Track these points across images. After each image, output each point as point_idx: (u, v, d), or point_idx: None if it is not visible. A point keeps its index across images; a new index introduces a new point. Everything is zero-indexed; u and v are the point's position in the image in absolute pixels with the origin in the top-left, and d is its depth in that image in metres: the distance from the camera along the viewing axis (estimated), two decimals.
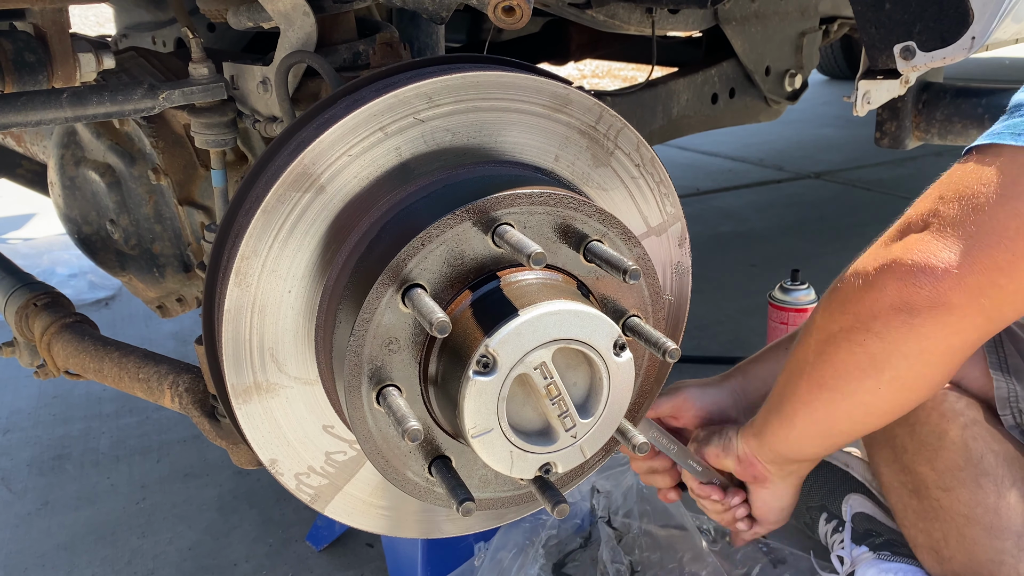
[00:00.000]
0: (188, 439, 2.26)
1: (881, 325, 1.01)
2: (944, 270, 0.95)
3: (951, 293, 0.95)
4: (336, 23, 1.20)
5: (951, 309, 0.96)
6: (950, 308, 0.96)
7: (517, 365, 0.82)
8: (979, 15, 1.32)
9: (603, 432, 0.90)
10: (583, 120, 0.96)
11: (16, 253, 3.51)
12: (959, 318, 0.97)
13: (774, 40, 2.36)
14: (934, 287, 0.96)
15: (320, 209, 0.88)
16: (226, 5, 1.23)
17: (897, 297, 0.99)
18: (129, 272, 1.60)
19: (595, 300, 0.92)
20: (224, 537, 1.87)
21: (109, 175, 1.51)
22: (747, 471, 1.31)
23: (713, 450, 1.33)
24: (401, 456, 0.90)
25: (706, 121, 2.35)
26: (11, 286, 1.45)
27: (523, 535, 1.63)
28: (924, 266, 0.97)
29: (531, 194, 0.85)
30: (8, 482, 2.12)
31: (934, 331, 0.98)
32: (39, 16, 1.24)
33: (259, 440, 0.94)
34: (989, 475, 1.30)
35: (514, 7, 0.95)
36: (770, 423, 1.23)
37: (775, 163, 4.97)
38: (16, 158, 1.99)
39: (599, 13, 1.88)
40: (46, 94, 1.08)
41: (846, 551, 1.56)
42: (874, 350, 1.04)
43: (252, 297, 0.89)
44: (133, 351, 1.27)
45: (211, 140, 1.23)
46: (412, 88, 0.87)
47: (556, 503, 0.87)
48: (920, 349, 1.01)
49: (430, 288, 0.83)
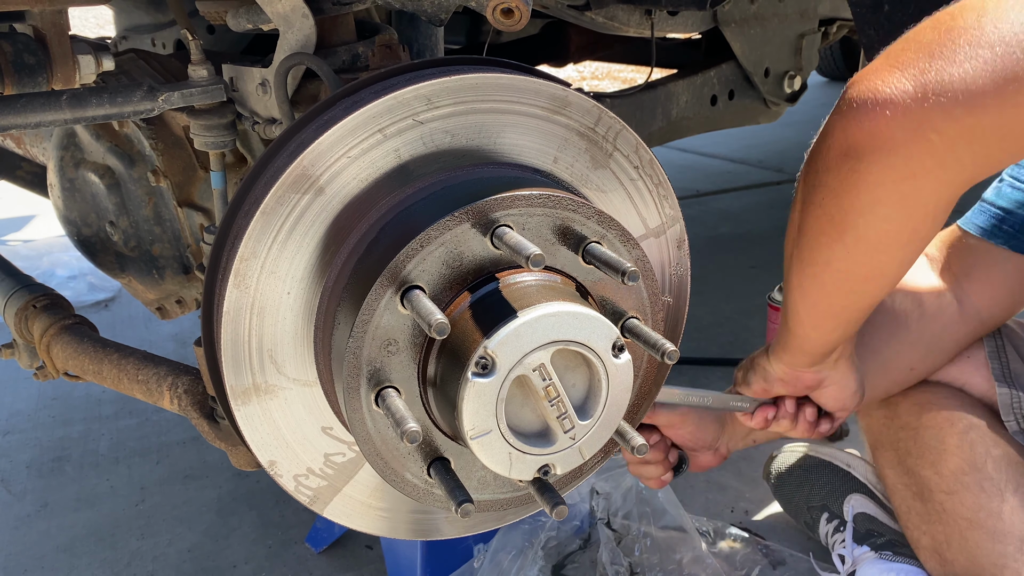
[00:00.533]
0: (187, 441, 2.26)
1: (832, 177, 0.90)
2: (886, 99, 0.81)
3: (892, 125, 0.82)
4: (335, 25, 1.20)
5: (894, 146, 0.83)
6: (893, 144, 0.83)
7: (516, 367, 0.82)
8: None
9: (602, 434, 0.90)
10: (582, 122, 0.96)
11: (16, 255, 3.51)
12: (904, 158, 0.83)
13: (773, 42, 2.36)
14: (873, 121, 0.82)
15: (319, 211, 0.88)
16: (225, 7, 1.23)
17: (843, 139, 0.87)
18: (128, 274, 1.60)
19: (594, 302, 0.92)
20: (224, 539, 1.87)
21: (108, 177, 1.52)
22: (797, 386, 1.25)
23: (757, 387, 1.28)
24: (400, 458, 0.90)
25: (705, 123, 2.35)
26: (10, 288, 1.45)
27: (522, 537, 1.63)
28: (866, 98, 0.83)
29: (530, 196, 0.85)
30: (7, 484, 2.12)
31: (881, 175, 0.85)
32: (39, 18, 1.24)
33: (258, 442, 0.94)
34: (992, 480, 1.30)
35: (513, 9, 0.95)
36: (786, 331, 1.17)
37: (774, 165, 4.97)
38: (16, 160, 1.99)
39: (598, 15, 1.89)
40: (46, 96, 1.08)
41: (847, 551, 1.56)
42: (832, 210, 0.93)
43: (251, 299, 0.89)
44: (132, 353, 1.27)
45: (210, 142, 1.23)
46: (411, 90, 0.87)
47: (555, 505, 0.87)
48: (872, 200, 0.88)
49: (429, 289, 0.84)
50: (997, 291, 1.37)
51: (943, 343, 1.40)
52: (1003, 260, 1.34)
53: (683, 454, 1.46)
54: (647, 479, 1.44)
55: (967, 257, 1.37)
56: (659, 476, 1.42)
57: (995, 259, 1.34)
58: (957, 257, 1.38)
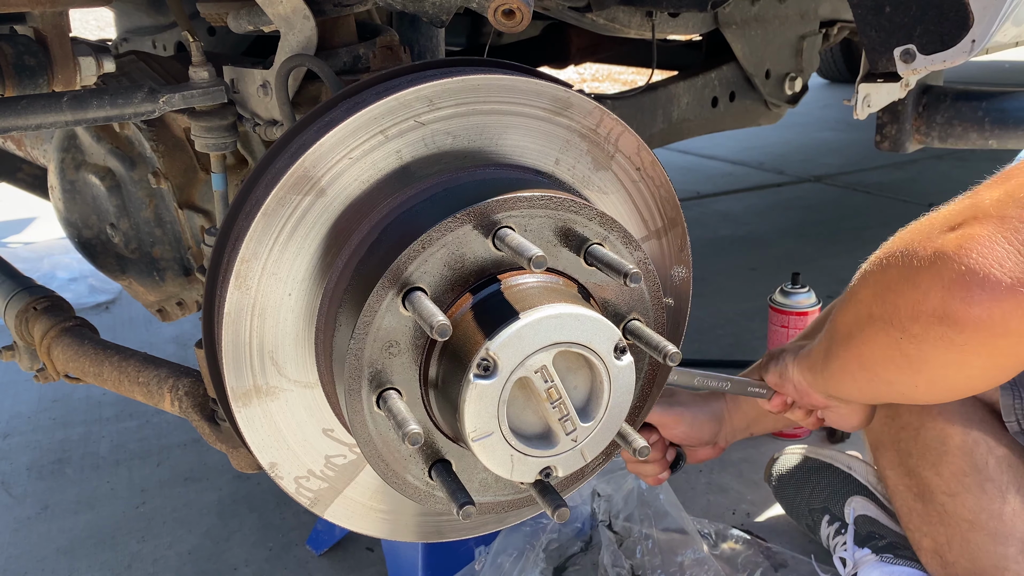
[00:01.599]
0: (188, 443, 2.26)
1: (920, 330, 0.89)
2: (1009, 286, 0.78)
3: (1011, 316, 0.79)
4: (336, 27, 1.20)
5: (1006, 333, 0.81)
6: (1006, 332, 0.81)
7: (518, 368, 0.82)
8: (979, 18, 1.32)
9: (604, 436, 0.90)
10: (584, 124, 0.96)
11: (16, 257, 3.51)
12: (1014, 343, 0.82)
13: (774, 44, 2.36)
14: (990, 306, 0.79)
15: (320, 212, 0.88)
16: (226, 9, 1.23)
17: (941, 307, 0.84)
18: (129, 276, 1.59)
19: (596, 303, 0.92)
20: (224, 541, 1.87)
21: (109, 179, 1.51)
22: (804, 400, 1.26)
23: (773, 376, 1.29)
24: (401, 460, 0.89)
25: (706, 124, 2.35)
26: (11, 290, 1.45)
27: (524, 539, 1.63)
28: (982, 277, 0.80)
29: (532, 197, 0.85)
30: (8, 486, 2.11)
31: (980, 351, 0.85)
32: (39, 20, 1.24)
33: (259, 444, 0.94)
34: (994, 481, 1.30)
35: (514, 10, 0.95)
36: (825, 367, 1.16)
37: (775, 166, 4.97)
38: (16, 162, 1.99)
39: (599, 17, 1.89)
40: (46, 98, 1.08)
41: (849, 553, 1.56)
42: (910, 352, 0.92)
43: (252, 300, 0.89)
44: (133, 355, 1.27)
45: (211, 144, 1.23)
46: (413, 91, 0.87)
47: (556, 507, 0.87)
48: (961, 362, 0.88)
49: (431, 291, 0.83)
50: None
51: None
52: None
53: (680, 451, 1.47)
54: (645, 476, 1.45)
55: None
56: (656, 474, 1.43)
57: None
58: None
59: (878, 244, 1.05)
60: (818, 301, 2.25)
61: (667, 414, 1.42)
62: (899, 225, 1.04)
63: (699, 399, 1.48)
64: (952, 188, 1.08)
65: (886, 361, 0.98)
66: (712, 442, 1.45)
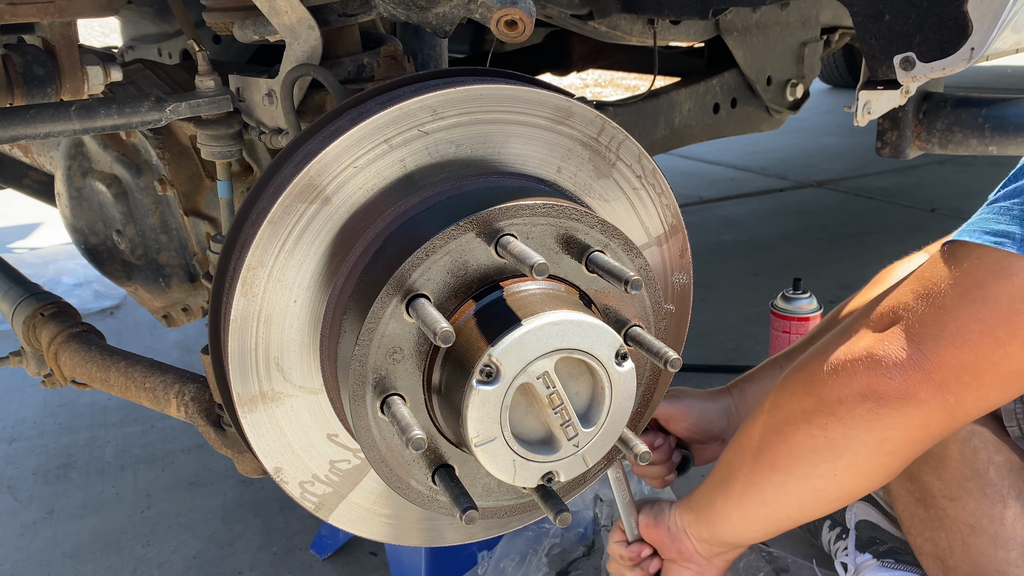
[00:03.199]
0: (192, 448, 2.27)
1: (846, 411, 1.02)
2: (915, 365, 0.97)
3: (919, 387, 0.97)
4: (341, 36, 1.21)
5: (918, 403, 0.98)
6: (917, 401, 0.98)
7: (520, 374, 0.82)
8: (978, 26, 1.33)
9: (605, 441, 0.90)
10: (585, 132, 0.97)
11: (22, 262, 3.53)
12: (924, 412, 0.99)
13: (775, 50, 2.37)
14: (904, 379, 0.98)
15: (325, 220, 0.89)
16: (232, 18, 1.24)
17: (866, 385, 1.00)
18: (135, 282, 1.61)
19: (597, 310, 0.93)
20: (229, 546, 1.87)
21: (116, 186, 1.53)
22: (673, 546, 1.28)
23: (645, 519, 1.31)
24: (405, 465, 0.90)
25: (708, 131, 2.36)
26: (18, 296, 1.46)
27: (526, 544, 1.63)
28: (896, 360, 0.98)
29: (534, 205, 0.86)
30: (14, 491, 2.13)
31: (899, 422, 1.00)
32: (47, 30, 1.25)
33: (264, 449, 0.95)
34: (995, 486, 1.30)
35: (517, 21, 0.96)
36: (713, 500, 1.21)
37: (777, 172, 4.98)
38: (23, 168, 2.01)
39: (601, 24, 1.90)
40: (55, 107, 1.10)
41: (850, 558, 1.56)
42: (835, 435, 1.04)
43: (258, 307, 0.90)
44: (139, 360, 1.28)
45: (217, 152, 1.24)
46: (416, 101, 0.88)
47: (558, 512, 0.87)
48: (882, 438, 1.02)
49: (434, 298, 0.84)
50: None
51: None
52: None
53: (687, 454, 1.47)
54: (651, 479, 1.45)
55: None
56: (663, 476, 1.43)
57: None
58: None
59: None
60: (820, 306, 2.26)
61: (675, 407, 1.42)
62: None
63: (707, 394, 1.48)
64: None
65: (807, 451, 1.07)
66: (721, 439, 1.45)
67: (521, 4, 0.97)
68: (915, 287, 1.02)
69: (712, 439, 1.45)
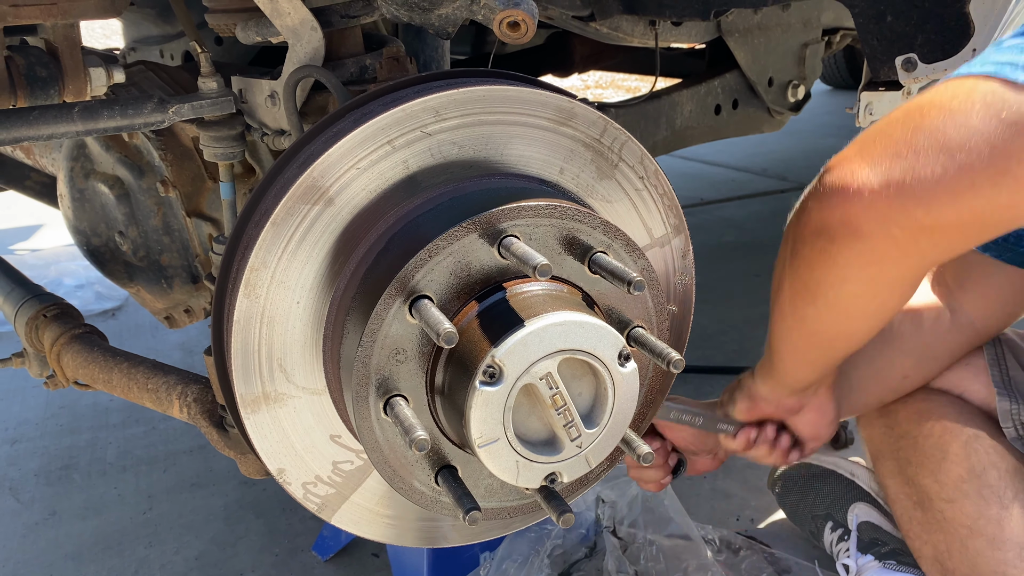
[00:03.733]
0: (194, 449, 2.27)
1: (808, 250, 0.98)
2: (855, 191, 0.88)
3: (860, 217, 0.88)
4: (343, 37, 1.21)
5: (860, 235, 0.90)
6: (859, 234, 0.90)
7: (523, 375, 0.83)
8: (980, 27, 1.33)
9: (608, 442, 0.90)
10: (588, 133, 0.97)
11: (24, 264, 3.53)
12: (870, 246, 0.90)
13: (777, 51, 2.37)
14: (844, 209, 0.89)
15: (328, 221, 0.90)
16: (235, 20, 1.25)
17: (817, 220, 0.94)
18: (137, 283, 1.61)
19: (600, 311, 0.93)
20: (231, 547, 1.87)
21: (118, 187, 1.53)
22: (780, 409, 1.30)
23: (742, 405, 1.32)
24: (408, 466, 0.90)
25: (709, 132, 2.36)
26: (21, 297, 1.46)
27: (528, 545, 1.63)
28: (839, 186, 0.90)
29: (536, 206, 0.86)
30: (16, 492, 2.13)
31: (849, 258, 0.93)
32: (51, 32, 1.26)
33: (267, 450, 0.95)
34: (992, 487, 1.30)
35: (519, 22, 0.96)
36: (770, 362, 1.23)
37: (779, 173, 4.98)
38: (25, 170, 2.01)
39: (603, 26, 1.90)
40: (58, 108, 1.10)
41: (852, 559, 1.57)
42: (805, 277, 1.01)
43: (261, 308, 0.90)
44: (142, 362, 1.28)
45: (219, 153, 1.25)
46: (419, 102, 0.88)
47: (561, 512, 0.87)
48: (841, 277, 0.96)
49: (437, 299, 0.84)
50: (990, 302, 1.38)
51: (936, 352, 1.41)
52: (995, 271, 1.35)
53: (682, 457, 1.47)
54: (646, 483, 1.45)
55: (960, 268, 1.38)
56: (658, 480, 1.43)
57: (987, 270, 1.35)
58: (950, 268, 1.39)
59: None
60: None
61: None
62: None
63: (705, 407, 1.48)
64: None
65: (793, 298, 1.05)
66: (713, 452, 1.45)
67: (523, 5, 0.97)
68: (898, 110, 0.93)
69: (705, 451, 1.44)
